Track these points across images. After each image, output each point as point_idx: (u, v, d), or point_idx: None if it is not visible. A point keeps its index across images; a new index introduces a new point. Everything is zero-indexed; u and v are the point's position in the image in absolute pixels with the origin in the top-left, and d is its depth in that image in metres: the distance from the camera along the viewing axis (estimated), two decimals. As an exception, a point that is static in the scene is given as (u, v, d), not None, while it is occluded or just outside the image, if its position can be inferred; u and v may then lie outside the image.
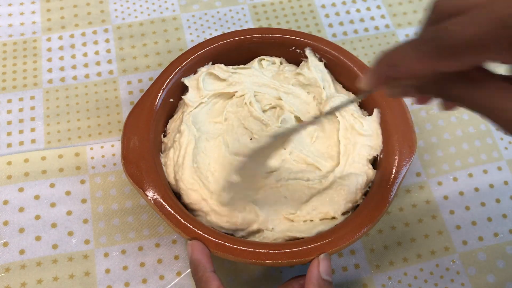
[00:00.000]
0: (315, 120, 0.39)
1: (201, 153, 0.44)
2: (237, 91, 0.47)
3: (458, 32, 0.24)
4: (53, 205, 0.47)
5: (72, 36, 0.58)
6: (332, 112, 0.37)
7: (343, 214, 0.42)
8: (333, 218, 0.42)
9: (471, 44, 0.23)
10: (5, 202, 0.47)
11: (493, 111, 0.25)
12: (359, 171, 0.44)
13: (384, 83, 0.28)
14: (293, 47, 0.50)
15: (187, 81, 0.48)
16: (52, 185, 0.48)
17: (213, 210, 0.41)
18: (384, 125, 0.45)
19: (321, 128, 0.47)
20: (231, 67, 0.49)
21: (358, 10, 0.62)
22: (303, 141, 0.46)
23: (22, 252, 0.45)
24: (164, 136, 0.47)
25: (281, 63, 0.51)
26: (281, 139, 0.37)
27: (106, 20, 0.60)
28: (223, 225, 0.41)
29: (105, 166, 0.50)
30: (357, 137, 0.45)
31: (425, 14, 0.27)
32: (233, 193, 0.41)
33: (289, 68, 0.50)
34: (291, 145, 0.45)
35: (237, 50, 0.50)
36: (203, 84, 0.48)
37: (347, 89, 0.49)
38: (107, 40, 0.58)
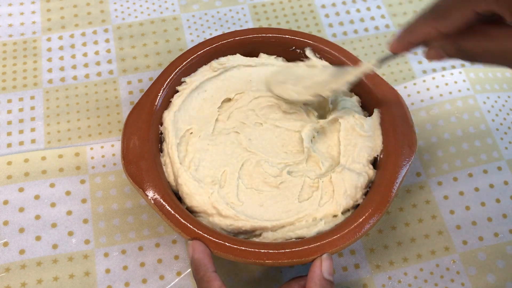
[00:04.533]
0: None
1: (192, 155, 0.45)
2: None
3: None
4: (53, 205, 0.47)
5: (72, 36, 0.58)
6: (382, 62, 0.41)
7: (343, 213, 0.42)
8: (334, 216, 0.42)
9: (453, 4, 0.30)
10: (5, 202, 0.47)
11: (505, 54, 0.30)
12: (359, 171, 0.44)
13: (406, 48, 0.36)
14: (293, 47, 0.50)
15: (187, 79, 0.48)
16: (52, 185, 0.48)
17: (219, 213, 0.41)
18: (384, 125, 0.45)
19: (321, 129, 0.47)
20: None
21: (358, 10, 0.62)
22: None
23: (22, 252, 0.45)
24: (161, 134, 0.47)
25: (281, 63, 0.51)
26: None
27: (106, 20, 0.60)
28: (226, 228, 0.41)
29: (105, 166, 0.50)
30: (358, 138, 0.45)
31: None
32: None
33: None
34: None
35: (237, 50, 0.50)
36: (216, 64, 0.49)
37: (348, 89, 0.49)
38: (107, 40, 0.58)
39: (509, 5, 0.28)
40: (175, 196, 0.43)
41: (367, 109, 0.48)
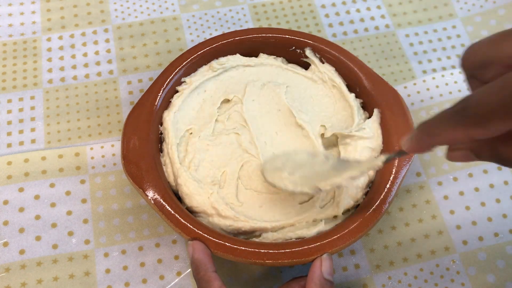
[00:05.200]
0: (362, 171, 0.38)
1: (193, 155, 0.45)
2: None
3: (480, 101, 0.24)
4: (53, 205, 0.47)
5: (72, 36, 0.58)
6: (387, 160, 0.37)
7: (343, 213, 0.42)
8: (334, 217, 0.42)
9: (494, 111, 0.24)
10: (5, 202, 0.47)
11: None
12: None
13: (425, 150, 0.30)
14: (293, 47, 0.50)
15: (187, 79, 0.48)
16: (52, 185, 0.48)
17: (219, 214, 0.41)
18: (384, 125, 0.45)
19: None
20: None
21: (358, 10, 0.62)
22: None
23: (22, 252, 0.45)
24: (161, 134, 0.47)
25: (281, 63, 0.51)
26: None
27: (106, 20, 0.60)
28: (225, 228, 0.41)
29: (105, 166, 0.50)
30: (358, 140, 0.45)
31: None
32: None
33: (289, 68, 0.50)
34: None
35: (237, 50, 0.50)
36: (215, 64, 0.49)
37: (348, 89, 0.49)
38: (107, 40, 0.58)
39: None
40: (175, 196, 0.43)
41: (367, 109, 0.48)
